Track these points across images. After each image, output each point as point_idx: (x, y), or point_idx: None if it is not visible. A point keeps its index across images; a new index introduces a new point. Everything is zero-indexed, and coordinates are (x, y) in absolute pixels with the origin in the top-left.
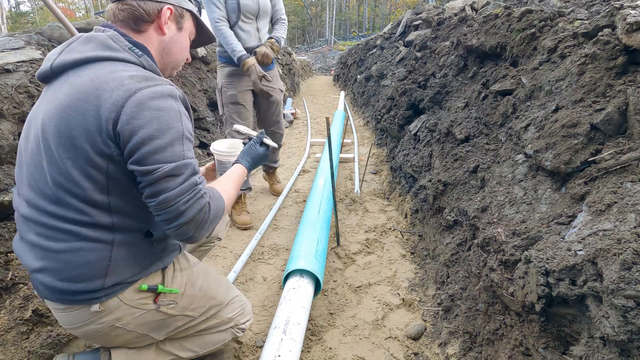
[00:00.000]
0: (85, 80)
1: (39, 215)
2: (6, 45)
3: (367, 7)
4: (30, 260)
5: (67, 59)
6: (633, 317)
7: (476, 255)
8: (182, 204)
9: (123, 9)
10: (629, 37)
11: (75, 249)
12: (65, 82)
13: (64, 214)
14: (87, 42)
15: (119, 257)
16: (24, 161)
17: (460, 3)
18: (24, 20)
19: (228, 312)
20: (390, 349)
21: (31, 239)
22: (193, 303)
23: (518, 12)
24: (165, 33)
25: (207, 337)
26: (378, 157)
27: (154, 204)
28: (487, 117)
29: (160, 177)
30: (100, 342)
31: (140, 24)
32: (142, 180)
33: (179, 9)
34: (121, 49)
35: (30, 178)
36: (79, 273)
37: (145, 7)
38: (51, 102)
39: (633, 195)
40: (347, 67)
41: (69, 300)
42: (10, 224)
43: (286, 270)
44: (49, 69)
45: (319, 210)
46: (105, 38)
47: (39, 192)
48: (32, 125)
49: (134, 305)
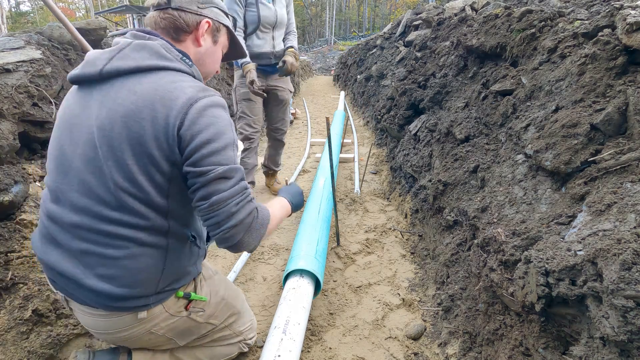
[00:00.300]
0: (148, 89)
1: (95, 223)
2: (6, 45)
3: (367, 7)
4: (78, 269)
5: (122, 66)
6: (633, 317)
7: (476, 255)
8: (233, 205)
9: (165, 18)
10: (629, 37)
11: (135, 254)
12: (122, 87)
13: (126, 219)
14: (140, 49)
15: (170, 262)
16: (72, 167)
17: (460, 3)
18: (24, 20)
19: (241, 325)
20: (390, 349)
21: (81, 247)
22: (216, 311)
23: (518, 12)
24: (201, 45)
25: (217, 349)
26: (378, 157)
27: (205, 205)
28: (487, 117)
29: (214, 178)
30: (125, 344)
31: (180, 33)
32: (196, 181)
33: (217, 23)
34: (174, 59)
35: (83, 185)
36: (137, 279)
37: (186, 18)
38: (110, 108)
39: (633, 195)
40: (347, 67)
41: (119, 308)
42: (10, 224)
43: (286, 270)
44: (98, 73)
45: (319, 210)
46: (158, 47)
47: (96, 199)
48: (79, 130)
49: (172, 313)
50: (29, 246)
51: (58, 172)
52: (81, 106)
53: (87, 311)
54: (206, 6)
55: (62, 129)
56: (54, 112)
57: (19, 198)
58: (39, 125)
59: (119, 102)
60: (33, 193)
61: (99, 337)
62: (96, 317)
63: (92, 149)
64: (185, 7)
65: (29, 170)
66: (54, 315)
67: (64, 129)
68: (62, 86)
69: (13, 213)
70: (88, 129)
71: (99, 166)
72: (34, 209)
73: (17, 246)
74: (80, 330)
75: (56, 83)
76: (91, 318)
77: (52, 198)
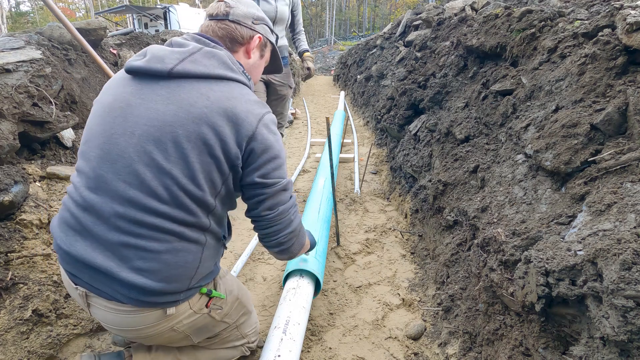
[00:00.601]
0: (221, 97)
1: (142, 215)
2: (6, 45)
3: (367, 7)
4: (113, 261)
5: (192, 70)
6: (633, 317)
7: (476, 255)
8: (292, 214)
9: (222, 28)
10: (629, 37)
11: (177, 249)
12: (192, 90)
13: (174, 214)
14: (210, 57)
15: (205, 259)
16: (124, 156)
17: (460, 3)
18: (24, 20)
19: (247, 327)
20: (390, 349)
21: (120, 239)
22: (231, 310)
23: (518, 12)
24: (250, 57)
25: (221, 352)
26: (378, 157)
27: (273, 215)
28: (487, 117)
29: (279, 190)
30: (144, 341)
31: (234, 44)
32: (264, 192)
33: (265, 39)
34: (238, 71)
35: (134, 176)
36: (174, 274)
37: (242, 31)
38: (181, 107)
39: (633, 195)
40: (347, 67)
41: (150, 303)
42: (10, 224)
43: (286, 270)
44: (167, 71)
45: (319, 210)
46: (225, 58)
47: (147, 191)
48: (136, 120)
49: (195, 310)
50: (29, 246)
51: (103, 160)
52: (140, 98)
53: (111, 307)
54: (259, 23)
55: (114, 116)
56: (54, 112)
57: (19, 198)
58: (39, 125)
59: (191, 103)
60: (33, 193)
61: (118, 334)
62: (121, 314)
63: (151, 142)
64: (242, 21)
65: (29, 170)
66: (54, 315)
67: (116, 116)
68: (62, 86)
69: (13, 213)
70: (149, 121)
71: (156, 159)
72: (34, 209)
73: (17, 246)
74: (80, 331)
75: (56, 83)
76: (115, 314)
77: (91, 186)
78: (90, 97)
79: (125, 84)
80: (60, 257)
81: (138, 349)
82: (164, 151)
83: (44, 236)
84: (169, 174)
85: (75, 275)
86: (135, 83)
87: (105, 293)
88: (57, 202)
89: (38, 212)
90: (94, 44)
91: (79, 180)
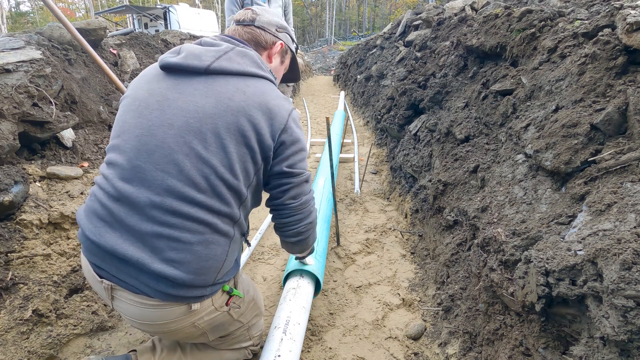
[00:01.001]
0: (256, 92)
1: (179, 204)
2: (6, 45)
3: (367, 7)
4: (145, 252)
5: (228, 67)
6: (633, 317)
7: (476, 255)
8: (312, 205)
9: (248, 32)
10: (629, 37)
11: (208, 241)
12: (227, 84)
13: (210, 203)
14: (243, 56)
15: (231, 253)
16: (163, 147)
17: (460, 3)
18: (24, 20)
19: (256, 329)
20: (390, 349)
21: (154, 229)
22: (247, 310)
23: (518, 12)
24: (272, 62)
25: (226, 354)
26: (378, 157)
27: (296, 204)
28: (487, 117)
29: (304, 180)
30: (165, 336)
31: (258, 48)
32: (290, 181)
33: (286, 46)
34: (267, 70)
35: (173, 165)
36: (204, 266)
37: (266, 37)
38: (220, 100)
39: (633, 195)
40: (347, 67)
41: (177, 297)
42: (10, 224)
43: (286, 270)
44: (205, 68)
45: (319, 210)
46: (256, 58)
47: (185, 180)
48: (175, 113)
49: (217, 307)
50: (29, 246)
51: (140, 151)
52: (177, 91)
53: (138, 301)
54: (282, 31)
55: (151, 110)
56: (54, 112)
57: (19, 198)
58: (39, 125)
59: (229, 97)
60: (33, 193)
61: (140, 328)
62: (147, 308)
63: (191, 132)
64: (266, 28)
65: (29, 170)
66: (54, 315)
67: (153, 109)
68: (62, 86)
69: (13, 213)
70: (188, 113)
71: (196, 149)
72: (34, 209)
73: (17, 246)
74: (81, 331)
75: (56, 83)
76: (140, 308)
77: (125, 177)
78: (90, 97)
79: (159, 79)
80: (85, 249)
81: (143, 352)
82: (203, 141)
83: (44, 236)
84: (208, 163)
85: (101, 267)
86: (171, 78)
87: (133, 286)
88: (58, 202)
89: (38, 212)
90: (94, 44)
91: (111, 172)
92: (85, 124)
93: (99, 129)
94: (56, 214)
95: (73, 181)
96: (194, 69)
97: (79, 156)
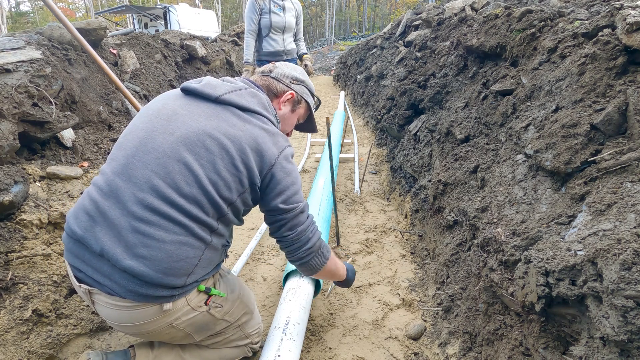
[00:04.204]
0: (255, 127)
1: (159, 203)
2: (6, 45)
3: (367, 7)
4: (119, 247)
5: (237, 100)
6: (633, 317)
7: (476, 255)
8: (310, 232)
9: (263, 80)
10: (629, 37)
11: (181, 242)
12: (233, 114)
13: (189, 208)
14: (253, 96)
15: (205, 258)
16: (158, 149)
17: (460, 3)
18: (24, 20)
19: (250, 327)
20: (390, 349)
21: (131, 223)
22: (232, 308)
23: (518, 12)
24: (281, 109)
25: (224, 351)
26: (378, 157)
27: (293, 235)
28: (487, 117)
29: (297, 213)
30: (146, 337)
31: (270, 94)
32: (285, 217)
33: (299, 97)
34: (271, 113)
35: (163, 167)
36: (174, 266)
37: (278, 86)
38: (220, 124)
39: (633, 195)
40: (347, 67)
41: (147, 297)
42: (10, 224)
43: (286, 270)
44: (216, 96)
45: (319, 210)
46: (264, 100)
47: (170, 183)
48: (178, 125)
49: (193, 307)
50: (29, 246)
51: (137, 150)
52: (186, 109)
53: (112, 303)
54: (296, 83)
55: (160, 119)
56: (54, 112)
57: (19, 198)
58: (39, 125)
59: (230, 124)
60: (33, 193)
61: (122, 330)
62: (122, 310)
63: (187, 143)
64: (280, 79)
65: (29, 170)
66: (54, 315)
67: (161, 118)
68: (62, 86)
69: (13, 213)
70: (189, 128)
71: (186, 158)
72: (34, 209)
73: (17, 246)
74: (80, 331)
75: (56, 83)
76: (116, 311)
77: (117, 171)
78: (90, 97)
79: (176, 98)
80: (67, 250)
81: (141, 346)
82: (196, 153)
83: (44, 236)
84: (194, 173)
85: (80, 269)
86: (186, 99)
87: (107, 287)
88: (57, 202)
89: (38, 212)
90: (94, 44)
91: (107, 166)
92: (85, 123)
93: (99, 129)
94: (56, 214)
95: (73, 181)
96: (207, 95)
97: (79, 156)
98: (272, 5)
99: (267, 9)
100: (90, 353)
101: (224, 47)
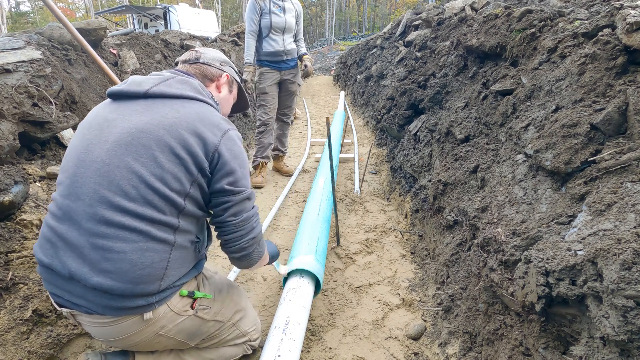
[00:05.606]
0: (190, 111)
1: (111, 214)
2: (6, 45)
3: (367, 7)
4: (85, 267)
5: (167, 91)
6: (633, 317)
7: (476, 255)
8: (254, 222)
9: (195, 68)
10: (629, 37)
11: (142, 249)
12: (164, 105)
13: (142, 211)
14: (183, 83)
15: (174, 259)
16: (97, 160)
17: (460, 3)
18: (24, 20)
19: (246, 324)
20: (390, 349)
21: (90, 240)
22: (222, 308)
23: (518, 12)
24: (220, 92)
25: (223, 350)
26: (378, 157)
27: (237, 221)
28: (487, 117)
29: (244, 198)
30: (139, 349)
31: (206, 80)
32: (230, 200)
33: (232, 77)
34: (207, 96)
35: (105, 176)
36: (141, 274)
37: (212, 70)
38: (153, 117)
39: (633, 195)
40: (347, 67)
41: (123, 309)
42: (10, 224)
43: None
44: (144, 92)
45: (319, 210)
46: (196, 85)
47: (116, 190)
48: (111, 130)
49: (178, 312)
50: (29, 246)
51: (78, 167)
52: (117, 113)
53: (94, 321)
54: (225, 65)
55: (91, 130)
56: (54, 112)
57: (19, 198)
58: (39, 125)
59: (163, 115)
60: (33, 193)
61: (114, 345)
62: (104, 326)
63: (122, 146)
64: (211, 63)
65: (29, 170)
66: (54, 315)
67: (93, 129)
68: (62, 86)
69: (13, 213)
70: (122, 130)
71: (126, 160)
72: (34, 209)
73: (17, 246)
74: (80, 331)
75: (56, 83)
76: (100, 328)
77: (64, 193)
78: (90, 97)
79: (105, 106)
80: (44, 280)
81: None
82: (134, 153)
83: None
84: (137, 173)
85: (58, 295)
86: (115, 103)
87: (84, 307)
88: None
89: (38, 212)
90: (94, 44)
91: (56, 192)
92: None
93: None
94: None
95: None
96: (134, 93)
97: None
98: (273, 5)
99: (267, 9)
100: (89, 353)
101: (224, 47)
